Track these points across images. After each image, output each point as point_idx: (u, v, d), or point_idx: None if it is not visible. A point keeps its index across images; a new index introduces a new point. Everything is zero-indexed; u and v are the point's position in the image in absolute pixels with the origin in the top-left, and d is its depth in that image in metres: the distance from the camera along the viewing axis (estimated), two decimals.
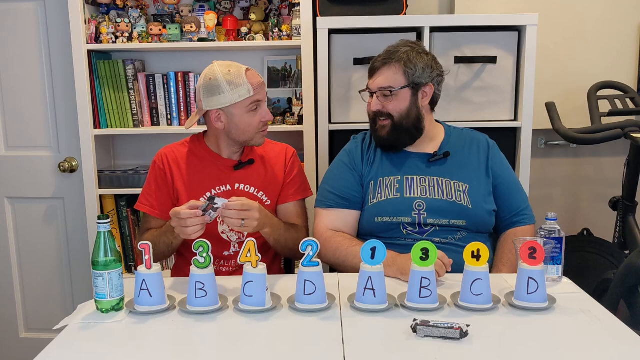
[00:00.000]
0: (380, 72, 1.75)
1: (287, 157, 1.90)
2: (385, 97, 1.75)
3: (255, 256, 1.34)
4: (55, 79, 2.56)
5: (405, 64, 1.72)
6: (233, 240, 1.82)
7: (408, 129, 1.77)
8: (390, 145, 1.80)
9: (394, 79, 1.73)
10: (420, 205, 1.73)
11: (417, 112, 1.76)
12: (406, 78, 1.73)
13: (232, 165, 1.83)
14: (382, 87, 1.74)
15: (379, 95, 1.76)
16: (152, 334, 1.27)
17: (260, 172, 1.86)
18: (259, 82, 1.74)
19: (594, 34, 2.54)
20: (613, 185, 2.59)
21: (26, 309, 2.75)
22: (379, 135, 1.79)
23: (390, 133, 1.77)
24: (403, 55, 1.73)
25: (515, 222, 1.80)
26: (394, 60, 1.73)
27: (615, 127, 2.15)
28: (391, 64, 1.74)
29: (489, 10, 2.53)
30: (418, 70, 1.73)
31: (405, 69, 1.72)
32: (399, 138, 1.78)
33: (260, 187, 1.84)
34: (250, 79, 1.72)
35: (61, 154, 2.62)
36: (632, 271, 1.94)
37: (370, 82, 1.78)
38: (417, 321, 1.22)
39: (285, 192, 1.87)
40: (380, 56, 1.77)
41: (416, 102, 1.76)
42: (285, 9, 2.45)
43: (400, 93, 1.74)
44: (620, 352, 1.17)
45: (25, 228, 2.69)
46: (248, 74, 1.73)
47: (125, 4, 2.46)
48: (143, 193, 1.83)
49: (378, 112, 1.77)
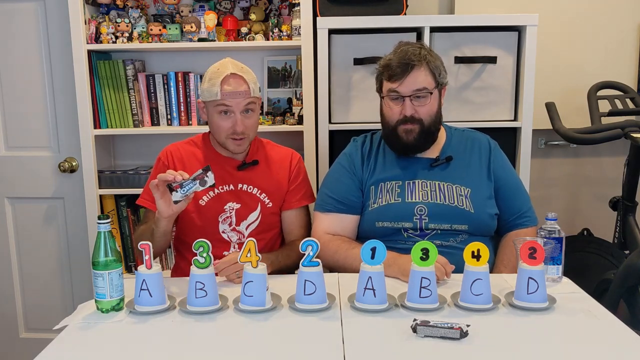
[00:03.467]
0: (412, 75, 1.67)
1: (292, 163, 1.90)
2: (419, 100, 1.69)
3: (255, 256, 1.34)
4: (55, 79, 2.56)
5: (429, 64, 1.68)
6: (233, 240, 1.82)
7: (433, 132, 1.74)
8: (414, 149, 1.75)
9: (427, 81, 1.68)
10: (422, 210, 1.72)
11: (440, 114, 1.75)
12: (434, 79, 1.70)
13: (236, 166, 1.83)
14: (417, 89, 1.67)
15: (413, 98, 1.69)
16: (152, 334, 1.27)
17: (264, 174, 1.86)
18: (230, 91, 1.71)
19: (594, 34, 2.54)
20: (613, 185, 2.58)
21: (26, 309, 2.75)
22: (404, 141, 1.72)
23: (417, 138, 1.71)
24: (427, 55, 1.69)
25: (518, 224, 1.79)
26: (422, 61, 1.67)
27: (615, 127, 2.15)
28: (420, 66, 1.67)
29: (489, 10, 2.53)
30: (441, 71, 1.71)
31: (432, 70, 1.69)
32: (425, 142, 1.74)
33: (263, 189, 1.84)
34: (223, 85, 1.71)
35: (61, 154, 2.62)
36: (632, 271, 1.94)
37: (401, 87, 1.68)
38: (417, 321, 1.22)
39: (290, 199, 1.87)
40: (399, 59, 1.68)
41: (440, 103, 1.74)
42: (285, 9, 2.45)
43: (433, 95, 1.70)
44: (620, 352, 1.17)
45: (25, 228, 2.69)
46: (225, 79, 1.71)
47: (125, 4, 2.46)
48: (145, 188, 1.84)
49: (409, 117, 1.69)
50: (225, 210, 1.81)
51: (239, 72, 1.74)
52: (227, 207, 1.81)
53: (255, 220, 1.83)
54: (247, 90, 1.74)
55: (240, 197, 1.82)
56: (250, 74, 1.78)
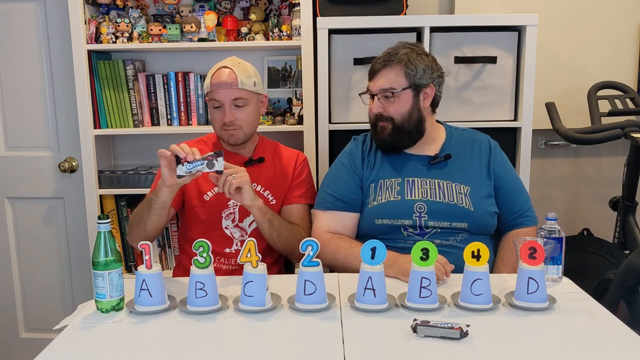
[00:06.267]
0: (381, 74, 1.73)
1: (297, 162, 1.92)
2: (387, 99, 1.73)
3: (255, 256, 1.34)
4: (55, 79, 2.56)
5: (406, 65, 1.71)
6: (236, 237, 1.82)
7: (409, 131, 1.76)
8: (391, 147, 1.79)
9: (395, 81, 1.72)
10: (421, 208, 1.73)
11: (418, 114, 1.75)
12: (407, 79, 1.72)
13: (242, 162, 1.84)
14: (383, 89, 1.72)
15: (380, 97, 1.74)
16: (152, 334, 1.27)
17: (269, 171, 1.87)
18: (218, 82, 1.76)
19: (594, 34, 2.54)
20: (613, 185, 2.58)
21: (26, 309, 2.75)
22: (380, 137, 1.78)
23: (391, 135, 1.75)
24: (403, 56, 1.72)
25: (518, 223, 1.79)
26: (395, 62, 1.72)
27: (615, 127, 2.15)
28: (392, 66, 1.72)
29: (489, 10, 2.53)
30: (419, 71, 1.72)
31: (406, 70, 1.71)
32: (400, 140, 1.77)
33: (267, 186, 1.85)
34: (214, 76, 1.77)
35: (61, 154, 2.62)
36: (632, 271, 1.94)
37: (371, 85, 1.77)
38: (417, 321, 1.22)
39: (291, 194, 1.88)
40: (380, 58, 1.75)
41: (417, 103, 1.75)
42: (285, 9, 2.45)
43: (402, 95, 1.72)
44: (620, 352, 1.17)
45: (25, 228, 2.69)
46: (218, 72, 1.77)
47: (125, 4, 2.46)
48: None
49: (379, 114, 1.75)
50: (229, 207, 1.82)
51: (231, 65, 1.78)
52: (230, 204, 1.82)
53: None
54: (234, 82, 1.75)
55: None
56: (243, 68, 1.79)
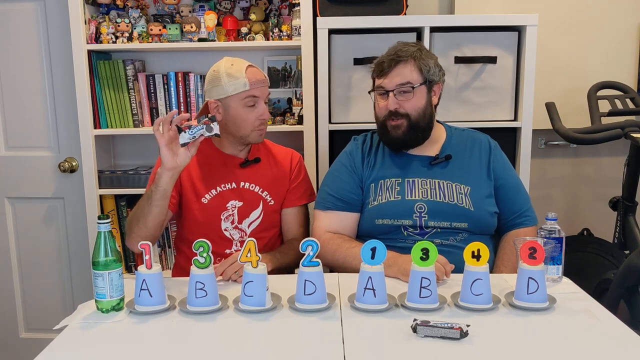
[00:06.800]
0: (395, 71, 1.71)
1: (292, 163, 1.92)
2: (404, 95, 1.71)
3: (255, 256, 1.34)
4: (55, 79, 2.56)
5: (420, 61, 1.71)
6: (235, 238, 1.82)
7: (423, 128, 1.75)
8: (403, 144, 1.77)
9: (412, 76, 1.71)
10: (422, 208, 1.73)
11: (430, 110, 1.76)
12: (422, 75, 1.72)
13: (238, 163, 1.84)
14: (401, 84, 1.70)
15: (397, 93, 1.72)
16: (152, 334, 1.27)
17: (265, 172, 1.87)
18: (257, 79, 1.75)
19: (594, 34, 2.54)
20: (613, 185, 2.58)
21: (26, 309, 2.75)
22: (393, 136, 1.75)
23: (405, 133, 1.73)
24: (416, 52, 1.72)
25: (517, 223, 1.79)
26: (409, 57, 1.71)
27: (615, 127, 2.15)
28: (406, 61, 1.71)
29: (489, 10, 2.53)
30: (431, 68, 1.72)
31: (420, 66, 1.71)
32: (413, 137, 1.75)
33: (265, 187, 1.85)
34: (249, 74, 1.74)
35: (61, 154, 2.62)
36: (632, 271, 1.94)
37: (385, 82, 1.72)
38: (417, 321, 1.22)
39: (290, 197, 1.89)
40: (389, 56, 1.73)
41: (430, 100, 1.75)
42: (285, 9, 2.45)
43: (418, 90, 1.72)
44: (620, 352, 1.17)
45: (25, 228, 2.69)
46: (249, 70, 1.75)
47: (125, 4, 2.46)
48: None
49: (394, 111, 1.72)
50: (228, 208, 1.82)
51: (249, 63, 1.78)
52: (229, 205, 1.82)
53: (257, 218, 1.83)
54: (267, 80, 1.80)
55: (243, 195, 1.83)
56: None
